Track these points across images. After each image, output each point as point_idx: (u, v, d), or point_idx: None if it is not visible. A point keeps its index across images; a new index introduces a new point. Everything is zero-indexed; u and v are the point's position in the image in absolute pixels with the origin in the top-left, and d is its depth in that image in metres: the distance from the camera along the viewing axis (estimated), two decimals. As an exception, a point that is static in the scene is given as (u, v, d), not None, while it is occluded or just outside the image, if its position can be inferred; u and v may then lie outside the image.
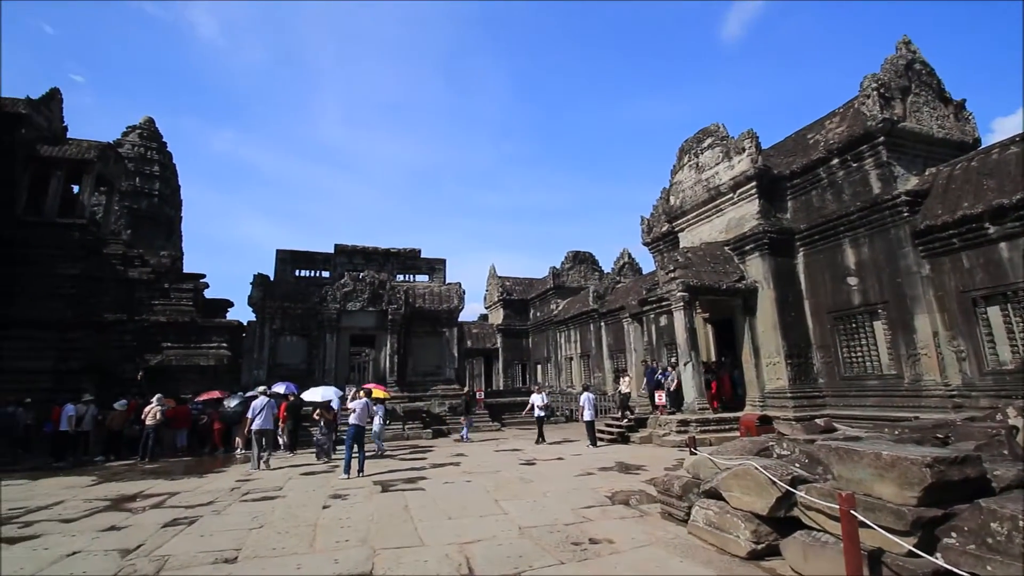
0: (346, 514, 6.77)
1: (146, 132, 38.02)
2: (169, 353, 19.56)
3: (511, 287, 34.06)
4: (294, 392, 14.95)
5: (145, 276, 21.20)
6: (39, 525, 6.59)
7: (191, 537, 5.86)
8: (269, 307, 18.59)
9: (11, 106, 22.46)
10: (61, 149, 22.48)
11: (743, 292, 14.34)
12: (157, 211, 36.21)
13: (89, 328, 18.95)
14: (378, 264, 21.34)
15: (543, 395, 15.45)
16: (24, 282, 19.26)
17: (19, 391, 15.65)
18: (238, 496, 8.15)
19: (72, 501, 8.09)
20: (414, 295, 20.52)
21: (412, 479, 9.35)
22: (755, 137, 14.79)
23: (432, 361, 20.08)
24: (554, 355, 29.71)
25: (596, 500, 7.20)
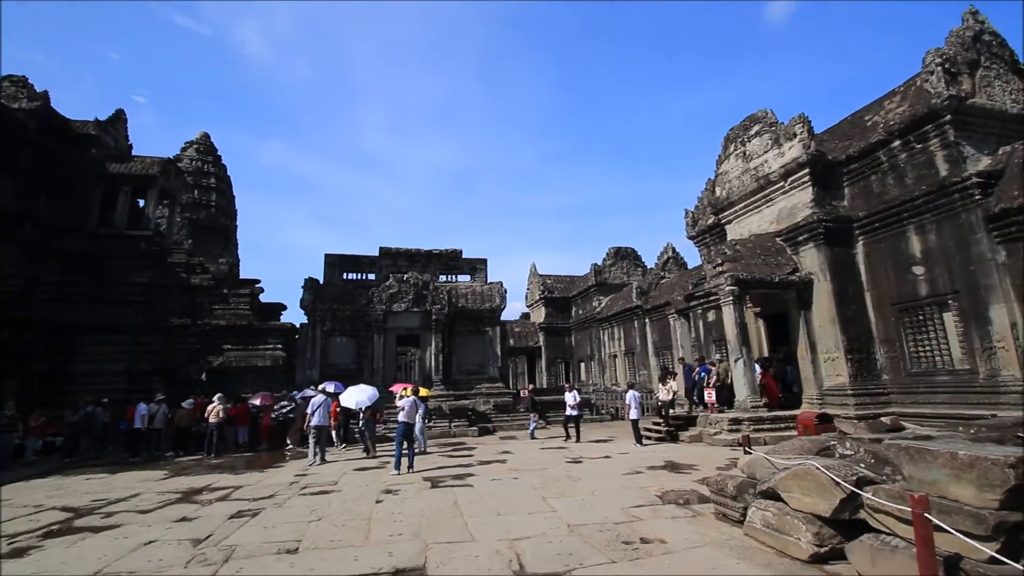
0: (398, 509, 6.94)
1: (202, 146, 40.25)
2: (229, 355, 20.62)
3: (552, 285, 33.94)
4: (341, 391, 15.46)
5: (206, 283, 22.43)
6: (118, 516, 7.09)
7: (255, 528, 6.16)
8: (319, 309, 19.29)
9: (82, 128, 24.23)
10: (127, 166, 24.05)
11: (797, 285, 13.73)
12: (214, 221, 38.28)
13: (158, 332, 20.23)
14: (421, 265, 21.74)
15: (575, 393, 15.16)
16: (100, 290, 20.78)
17: (98, 391, 16.91)
18: (297, 490, 8.51)
19: (147, 494, 8.67)
20: (457, 295, 20.79)
21: (460, 476, 9.48)
22: (807, 121, 14.13)
23: (476, 360, 20.29)
24: (597, 353, 29.40)
25: (646, 499, 7.08)
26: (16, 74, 23.45)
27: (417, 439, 13.30)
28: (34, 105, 22.32)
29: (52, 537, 6.07)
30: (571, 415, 14.79)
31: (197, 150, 39.40)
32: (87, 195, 23.02)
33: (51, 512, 7.40)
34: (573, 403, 14.79)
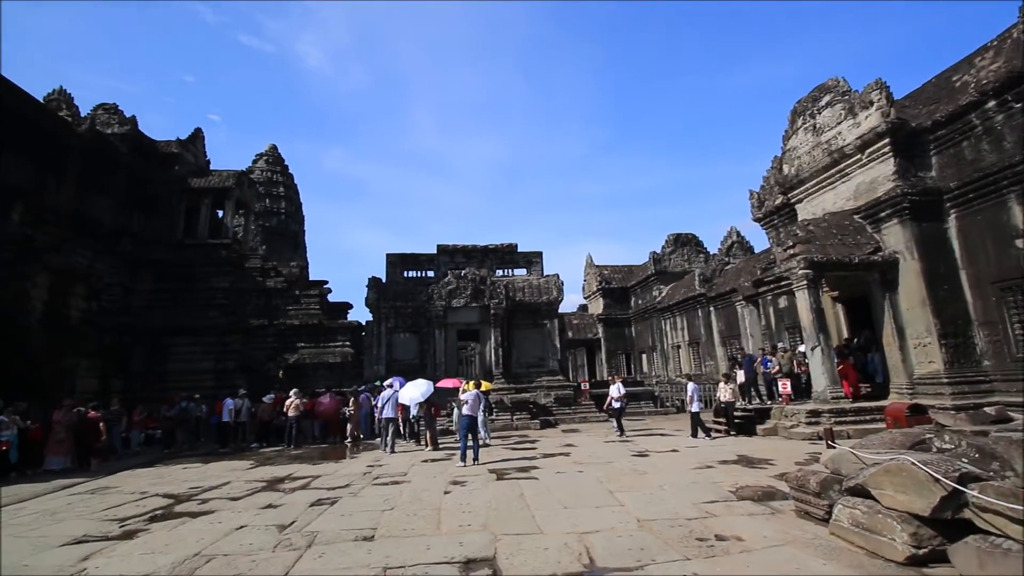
0: (466, 500, 7.08)
1: (271, 158, 42.72)
2: (303, 352, 21.84)
3: (610, 275, 33.37)
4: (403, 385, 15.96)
5: (279, 285, 23.84)
6: (213, 502, 7.69)
7: (334, 516, 6.49)
8: (383, 307, 20.00)
9: (166, 147, 26.30)
10: (206, 180, 25.90)
11: (880, 265, 12.70)
12: (284, 227, 40.59)
13: (239, 333, 21.74)
14: (478, 261, 22.00)
15: (619, 385, 14.60)
16: (187, 296, 22.59)
17: (189, 388, 18.43)
18: (370, 480, 8.88)
19: (236, 482, 9.35)
20: (513, 289, 20.89)
21: (525, 468, 9.55)
22: (885, 87, 12.99)
23: (535, 353, 20.33)
24: (659, 343, 28.65)
25: (719, 495, 6.82)
26: (108, 102, 25.75)
27: (480, 432, 13.54)
28: (124, 130, 24.46)
29: (156, 521, 6.68)
30: (614, 408, 14.34)
31: (266, 161, 41.89)
32: (173, 209, 25.03)
33: (155, 498, 8.14)
34: (617, 395, 14.28)
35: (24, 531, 6.39)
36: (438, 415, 14.08)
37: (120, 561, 5.10)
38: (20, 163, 19.12)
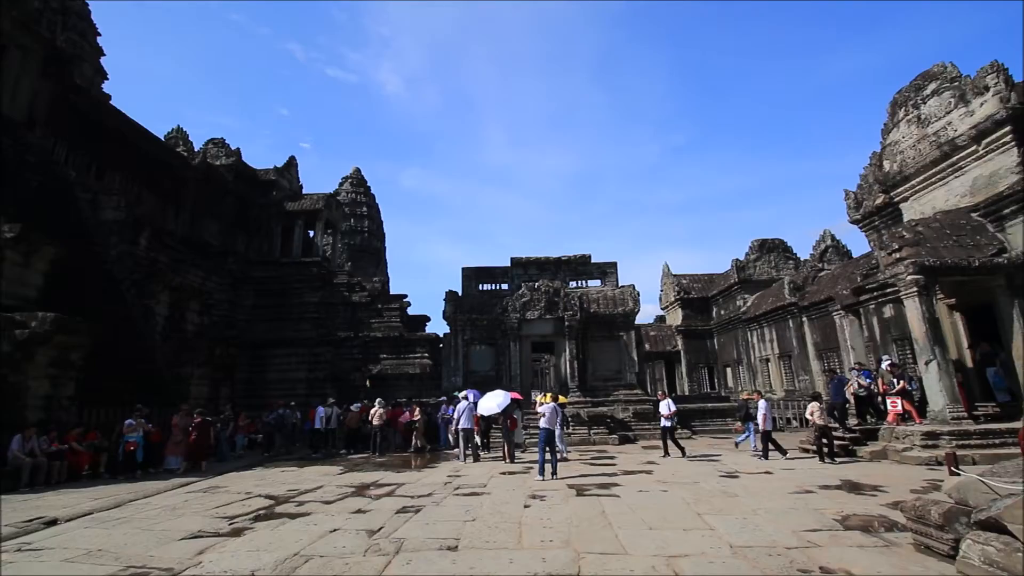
0: (546, 515, 7.01)
1: (355, 180, 45.55)
2: (385, 363, 22.86)
3: (688, 285, 32.06)
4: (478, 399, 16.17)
5: (363, 299, 25.20)
6: (308, 505, 8.18)
7: (418, 524, 6.67)
8: (459, 320, 20.51)
9: (265, 175, 28.84)
10: (299, 203, 28.07)
11: (1006, 268, 11.21)
12: (367, 244, 42.99)
13: (329, 344, 23.18)
14: (551, 273, 22.00)
15: (668, 402, 13.60)
16: (283, 310, 24.46)
17: (286, 395, 19.86)
18: (451, 491, 9.06)
19: (328, 486, 9.89)
20: (588, 300, 20.63)
21: (605, 485, 9.31)
22: (1003, 70, 11.57)
23: (611, 366, 19.89)
24: (746, 356, 27.00)
25: (822, 523, 6.25)
26: (217, 137, 28.72)
27: (558, 445, 13.41)
28: (230, 161, 27.16)
29: (260, 520, 7.20)
30: (664, 426, 13.36)
31: (351, 183, 44.74)
32: (271, 230, 27.36)
33: (258, 499, 8.80)
34: (666, 413, 13.31)
35: (150, 524, 7.14)
36: (515, 427, 14.14)
37: (230, 556, 5.54)
38: (147, 195, 21.79)
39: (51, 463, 10.32)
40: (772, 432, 12.55)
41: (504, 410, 13.19)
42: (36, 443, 10.19)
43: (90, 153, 19.42)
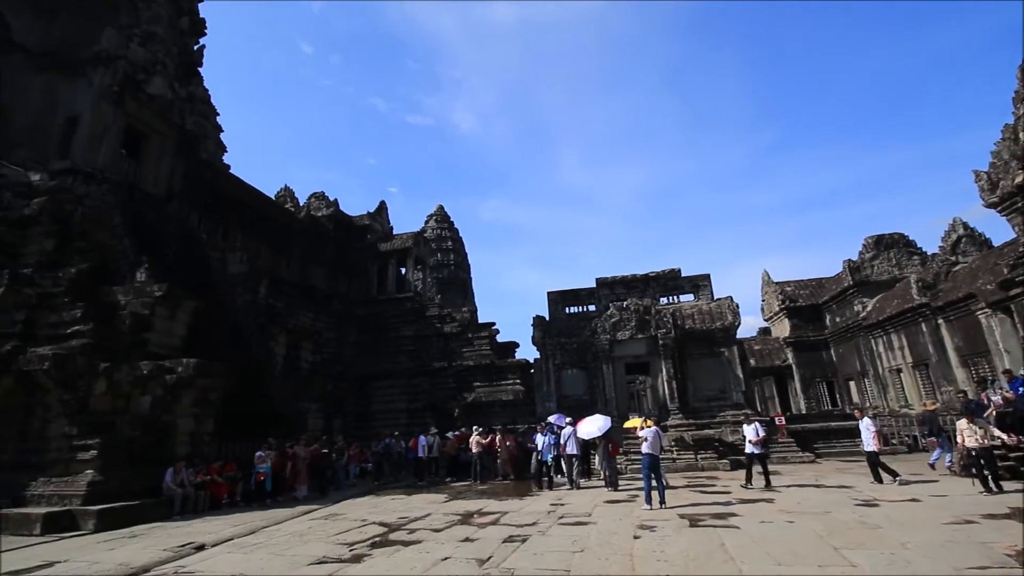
0: (659, 547, 6.62)
1: (439, 216, 47.86)
2: (479, 391, 23.26)
3: (794, 292, 29.57)
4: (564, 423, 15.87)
5: (454, 330, 26.01)
6: (419, 532, 8.40)
7: (526, 554, 6.58)
8: (548, 344, 20.44)
9: (360, 221, 31.16)
10: (391, 244, 29.92)
11: None
12: (454, 276, 44.66)
13: (425, 375, 24.10)
14: (639, 291, 21.36)
15: (756, 426, 12.12)
16: (382, 344, 25.91)
17: (389, 425, 20.82)
18: (555, 519, 8.88)
19: (435, 514, 10.11)
20: (681, 316, 19.70)
21: (720, 515, 8.64)
22: None
23: (714, 385, 18.68)
24: (871, 367, 24.18)
25: (991, 559, 5.32)
26: (318, 190, 31.68)
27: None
28: (329, 211, 29.73)
29: (377, 547, 7.49)
30: (752, 452, 11.89)
31: (436, 220, 47.05)
32: (367, 271, 29.35)
33: (373, 526, 9.19)
34: (754, 438, 11.88)
35: (281, 550, 7.69)
36: (616, 452, 13.66)
37: (352, 583, 5.79)
38: (263, 249, 24.40)
39: (197, 493, 11.55)
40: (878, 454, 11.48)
41: (604, 435, 12.89)
42: (185, 475, 11.49)
43: (216, 217, 22.22)
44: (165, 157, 19.65)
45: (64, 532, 9.31)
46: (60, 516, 9.58)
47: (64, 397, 11.14)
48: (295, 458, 13.61)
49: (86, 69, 17.70)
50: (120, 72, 17.78)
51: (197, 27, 23.72)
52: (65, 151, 17.00)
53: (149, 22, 19.70)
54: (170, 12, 21.44)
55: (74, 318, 12.08)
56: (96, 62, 17.73)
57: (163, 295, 12.94)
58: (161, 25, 20.27)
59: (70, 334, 11.91)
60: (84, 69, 17.72)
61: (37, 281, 12.52)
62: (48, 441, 11.12)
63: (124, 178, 17.71)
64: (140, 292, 12.95)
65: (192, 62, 23.18)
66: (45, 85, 17.86)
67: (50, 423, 11.24)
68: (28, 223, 14.18)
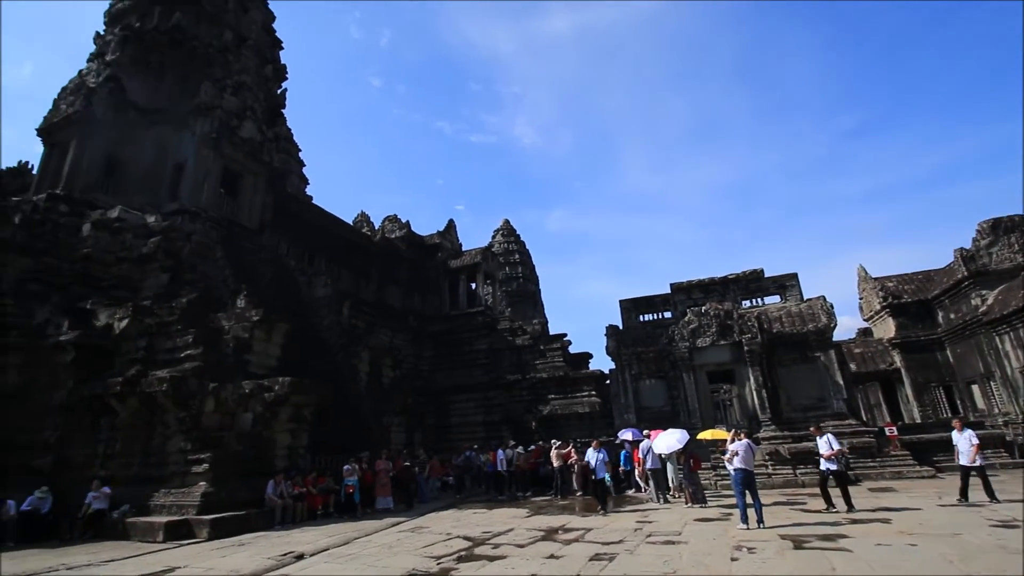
0: (760, 569, 6.14)
1: (505, 231, 48.51)
2: (554, 404, 23.05)
3: (896, 288, 26.84)
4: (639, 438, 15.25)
5: (526, 342, 26.05)
6: (503, 548, 8.36)
7: (615, 573, 6.33)
8: (624, 354, 19.88)
9: (430, 240, 32.23)
10: (460, 260, 30.67)
11: None
12: (523, 289, 44.94)
13: (499, 388, 24.28)
14: (718, 295, 20.32)
15: (828, 438, 10.74)
16: (456, 358, 26.47)
17: (467, 439, 21.12)
18: (643, 537, 8.51)
19: (518, 529, 10.05)
20: (768, 320, 18.46)
21: (828, 536, 7.88)
22: None
23: (810, 392, 17.25)
24: (997, 369, 21.34)
25: None
26: (391, 214, 33.21)
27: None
28: (402, 233, 31.03)
29: (463, 561, 7.54)
30: (828, 469, 10.54)
31: (502, 234, 47.74)
32: (439, 287, 30.24)
33: (457, 540, 9.28)
34: (827, 452, 10.54)
35: (373, 561, 7.95)
36: (699, 467, 12.93)
37: (441, 597, 5.84)
38: (345, 273, 25.87)
39: (295, 504, 12.27)
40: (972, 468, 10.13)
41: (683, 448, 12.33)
42: (284, 487, 12.26)
43: (302, 244, 23.89)
44: (257, 193, 21.46)
45: (182, 539, 10.21)
46: (179, 525, 10.53)
47: (180, 415, 12.31)
48: (381, 471, 14.10)
49: (189, 120, 19.82)
50: (217, 120, 19.71)
51: (279, 73, 25.89)
52: (174, 194, 19.05)
53: (239, 73, 21.76)
54: (256, 62, 23.58)
55: (186, 343, 13.38)
56: (197, 113, 19.79)
57: (260, 319, 14.02)
58: (249, 75, 22.32)
59: (183, 358, 13.18)
60: (187, 120, 19.85)
61: (155, 311, 14.01)
62: (167, 455, 12.32)
63: (223, 214, 19.53)
64: (240, 317, 14.12)
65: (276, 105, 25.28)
66: (156, 137, 20.18)
67: (169, 439, 12.46)
68: (146, 260, 15.96)
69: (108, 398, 12.69)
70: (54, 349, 13.48)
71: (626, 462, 16.01)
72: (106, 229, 16.42)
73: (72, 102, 19.18)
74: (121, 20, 22.30)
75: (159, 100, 20.90)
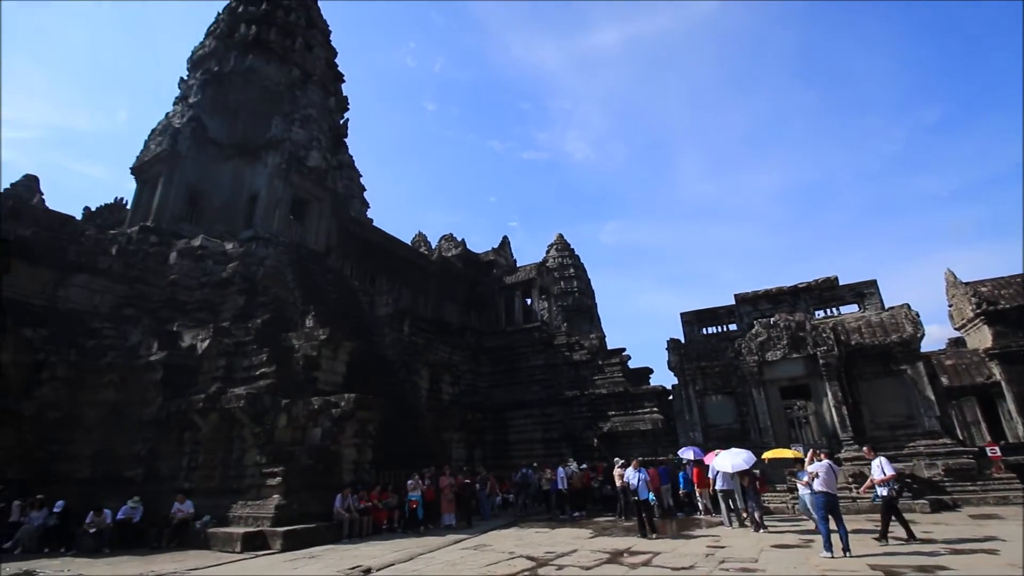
0: (852, 604, 5.61)
1: (559, 245, 48.39)
2: (614, 420, 22.49)
3: (992, 293, 24.29)
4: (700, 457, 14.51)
5: (583, 357, 25.68)
6: (567, 569, 8.15)
7: (688, 603, 6.00)
8: (687, 369, 19.14)
9: (485, 257, 32.67)
10: (515, 276, 30.83)
11: None
12: (579, 303, 44.47)
13: (557, 404, 24.01)
14: (788, 304, 19.21)
15: (883, 460, 9.62)
16: (513, 374, 26.45)
17: (527, 456, 20.94)
18: (715, 564, 8.04)
19: (582, 551, 9.77)
20: (844, 331, 17.23)
21: (925, 567, 7.14)
22: None
23: (897, 409, 15.86)
24: (1123, 382, 18.78)
25: None
26: (447, 232, 34.05)
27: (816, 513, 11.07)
28: (458, 251, 31.65)
29: (527, 582, 7.41)
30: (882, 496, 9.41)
31: (556, 249, 47.64)
32: (495, 304, 30.48)
33: (520, 559, 9.14)
34: (880, 477, 9.43)
35: (438, 578, 7.98)
36: (764, 490, 12.10)
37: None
38: (405, 292, 26.65)
39: (361, 518, 12.57)
40: None
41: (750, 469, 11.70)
42: (351, 501, 12.61)
43: (364, 265, 24.90)
44: (323, 218, 22.66)
45: (258, 550, 10.68)
46: (255, 536, 11.03)
47: (255, 430, 12.99)
48: (445, 487, 14.21)
49: (261, 153, 21.31)
50: (286, 152, 21.08)
51: (341, 104, 27.40)
52: (249, 222, 20.44)
53: (305, 107, 23.22)
54: (320, 96, 25.09)
55: (260, 362, 14.17)
56: (268, 147, 21.27)
57: (327, 338, 14.65)
58: (314, 108, 23.76)
59: (258, 375, 13.97)
60: (260, 153, 21.34)
61: (233, 332, 14.96)
62: (244, 468, 13.00)
63: (293, 239, 20.73)
64: (309, 336, 14.82)
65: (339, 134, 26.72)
66: (233, 171, 21.83)
67: (245, 453, 13.15)
68: (225, 284, 17.13)
69: (191, 414, 13.60)
70: (145, 368, 14.66)
71: (685, 484, 15.36)
72: (190, 256, 17.83)
73: (160, 142, 21.14)
74: (202, 65, 24.46)
75: (235, 136, 22.66)
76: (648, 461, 18.04)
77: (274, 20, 25.67)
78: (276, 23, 25.62)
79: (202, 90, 23.01)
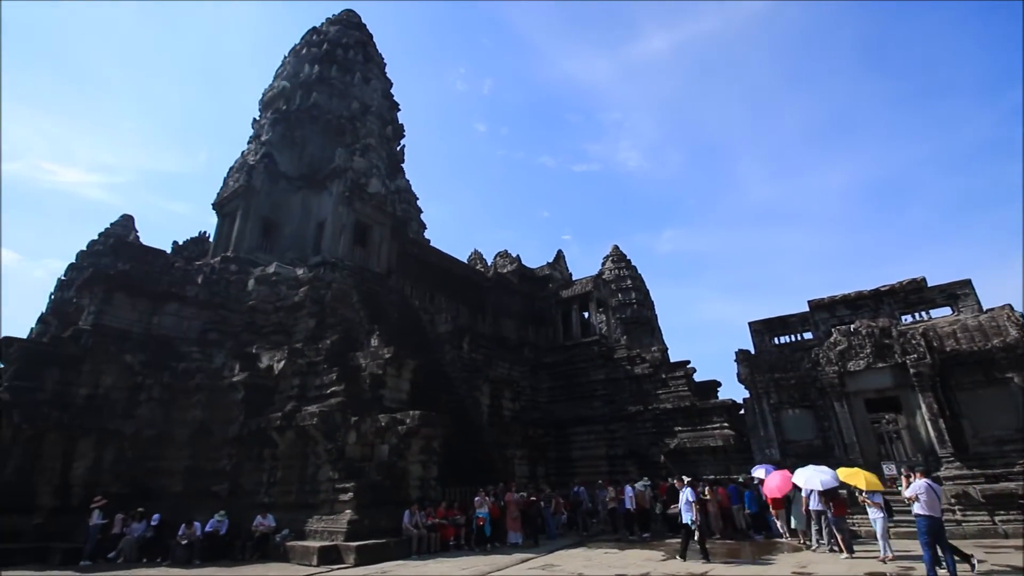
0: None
1: (615, 257, 47.64)
2: (682, 437, 21.60)
3: (1115, 291, 21.52)
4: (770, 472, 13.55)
5: (646, 371, 24.95)
6: (641, 592, 7.84)
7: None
8: (759, 381, 18.14)
9: (540, 272, 32.71)
10: (571, 290, 30.61)
11: None
12: (638, 315, 43.42)
13: (621, 420, 23.40)
14: (869, 310, 17.87)
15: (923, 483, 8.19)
16: (573, 389, 26.10)
17: (591, 474, 20.50)
18: (804, 592, 7.49)
19: (654, 574, 9.38)
20: (937, 336, 15.76)
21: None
22: None
23: (1004, 422, 14.22)
24: None
25: None
26: (502, 249, 34.38)
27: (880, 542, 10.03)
28: (513, 267, 31.88)
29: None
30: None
31: (612, 261, 46.91)
32: (552, 318, 30.35)
33: (590, 581, 8.91)
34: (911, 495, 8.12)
35: (507, 597, 7.89)
36: (843, 512, 11.16)
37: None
38: (463, 309, 27.12)
39: (429, 535, 12.72)
40: None
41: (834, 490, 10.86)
42: (419, 517, 12.80)
43: (424, 284, 25.61)
44: (383, 241, 23.60)
45: (332, 564, 11.03)
46: (330, 550, 11.41)
47: (328, 447, 13.54)
48: (511, 504, 14.15)
49: (326, 183, 22.58)
50: (349, 181, 22.22)
51: (398, 132, 28.63)
52: (317, 248, 21.62)
53: (365, 136, 24.46)
54: (379, 125, 26.35)
55: (331, 380, 14.81)
56: (333, 176, 22.51)
57: (391, 357, 15.12)
58: (373, 137, 24.97)
59: (329, 394, 14.59)
60: (325, 183, 22.62)
61: (305, 352, 15.76)
62: (318, 484, 13.54)
63: (357, 262, 21.70)
64: (375, 355, 15.35)
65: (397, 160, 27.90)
66: (301, 201, 23.23)
67: (319, 468, 13.71)
68: (297, 308, 18.12)
69: (270, 431, 14.38)
70: (228, 388, 15.69)
71: (751, 503, 14.46)
72: (266, 283, 19.05)
73: (237, 178, 22.90)
74: (272, 105, 26.40)
75: (302, 168, 24.18)
76: (720, 480, 17.19)
77: (334, 58, 27.37)
78: (336, 61, 27.30)
79: (272, 128, 24.80)
